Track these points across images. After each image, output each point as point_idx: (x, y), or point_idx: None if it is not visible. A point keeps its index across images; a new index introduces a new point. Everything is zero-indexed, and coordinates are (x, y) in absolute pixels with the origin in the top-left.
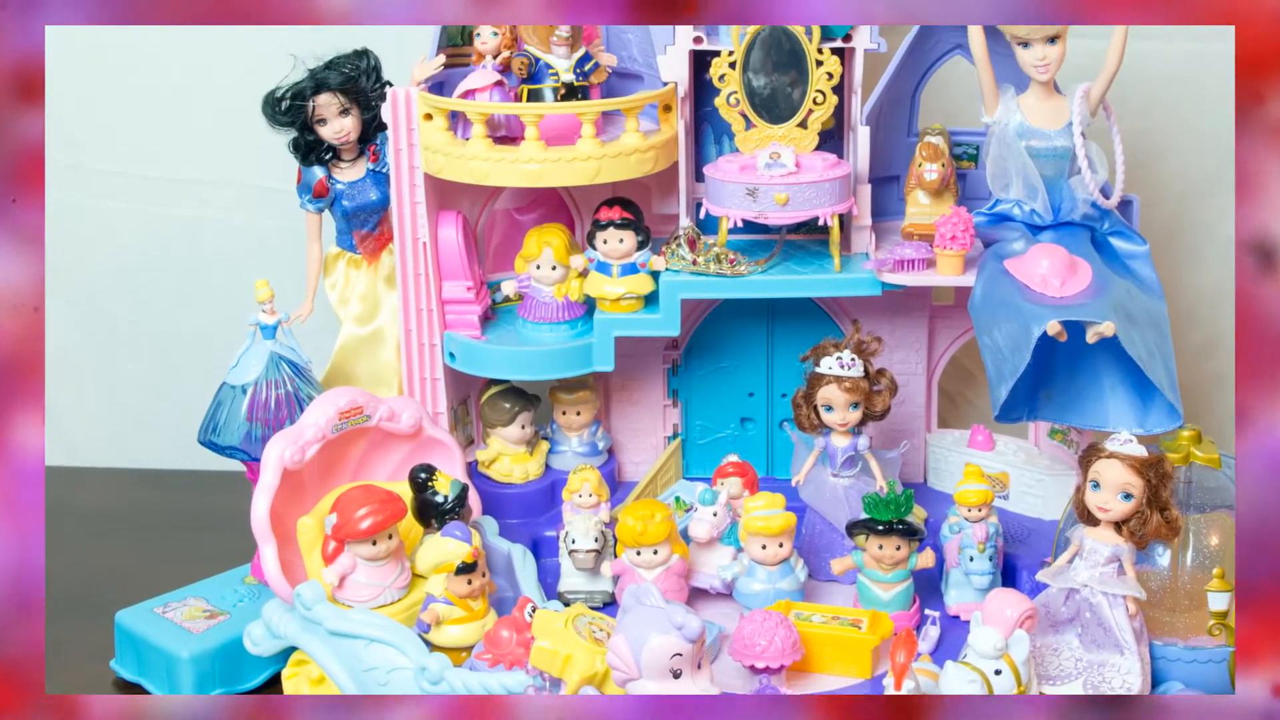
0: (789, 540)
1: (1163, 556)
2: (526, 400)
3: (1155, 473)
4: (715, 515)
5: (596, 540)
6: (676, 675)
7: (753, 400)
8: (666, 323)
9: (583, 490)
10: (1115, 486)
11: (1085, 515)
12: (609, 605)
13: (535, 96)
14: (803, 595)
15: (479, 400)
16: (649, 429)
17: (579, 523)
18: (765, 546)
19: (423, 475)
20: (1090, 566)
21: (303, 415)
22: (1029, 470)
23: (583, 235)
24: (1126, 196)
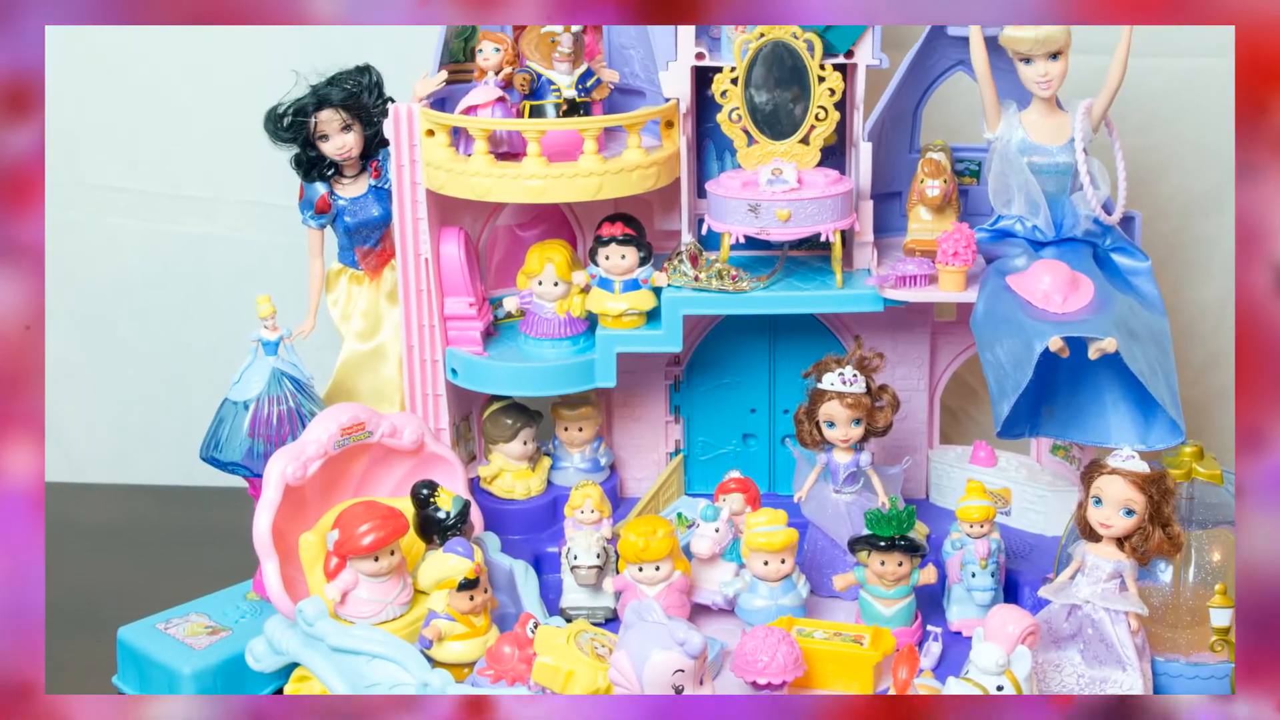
0: (791, 556)
1: (1165, 573)
2: (528, 416)
3: (1157, 489)
4: (717, 531)
5: (599, 556)
6: (679, 691)
7: (755, 416)
8: (668, 339)
9: (585, 506)
10: (1117, 502)
11: (1087, 531)
12: (611, 621)
13: (537, 112)
14: (805, 611)
15: (481, 416)
16: (651, 445)
17: (581, 539)
18: (767, 562)
19: (425, 491)
20: (1092, 583)
21: (305, 431)
22: (1031, 486)
23: (585, 251)
24: (1128, 212)
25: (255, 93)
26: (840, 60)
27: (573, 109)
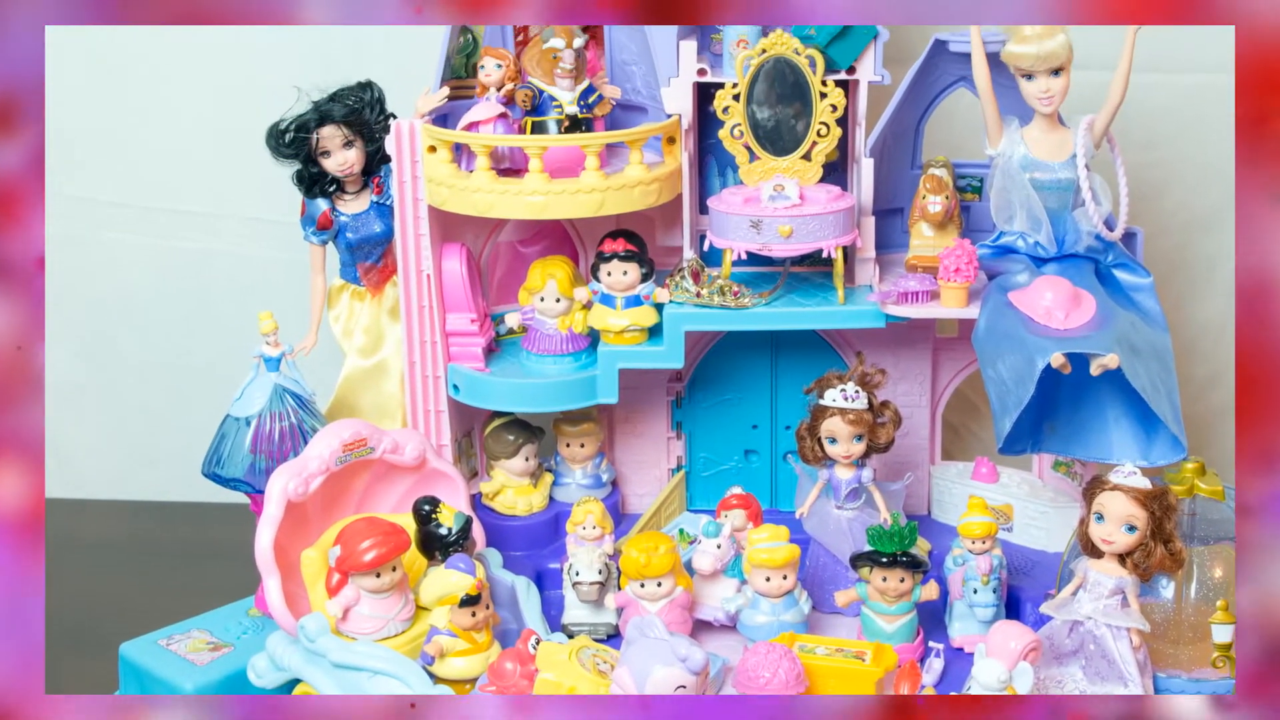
0: (793, 572)
1: (1167, 589)
2: (530, 432)
3: (1159, 505)
4: (719, 547)
5: (600, 573)
6: None
7: (756, 432)
8: (670, 355)
9: (587, 523)
10: (1119, 519)
11: (1089, 547)
12: (613, 638)
13: (539, 129)
14: (807, 627)
15: (483, 432)
16: (653, 461)
17: (583, 555)
18: (769, 579)
19: (426, 507)
20: (1094, 599)
21: (307, 447)
22: (1033, 502)
23: (586, 267)
24: (1130, 229)
25: (257, 109)
26: (842, 76)
27: (574, 125)
